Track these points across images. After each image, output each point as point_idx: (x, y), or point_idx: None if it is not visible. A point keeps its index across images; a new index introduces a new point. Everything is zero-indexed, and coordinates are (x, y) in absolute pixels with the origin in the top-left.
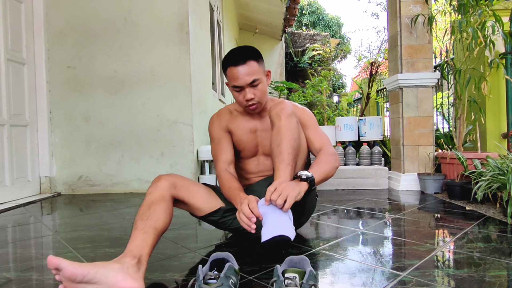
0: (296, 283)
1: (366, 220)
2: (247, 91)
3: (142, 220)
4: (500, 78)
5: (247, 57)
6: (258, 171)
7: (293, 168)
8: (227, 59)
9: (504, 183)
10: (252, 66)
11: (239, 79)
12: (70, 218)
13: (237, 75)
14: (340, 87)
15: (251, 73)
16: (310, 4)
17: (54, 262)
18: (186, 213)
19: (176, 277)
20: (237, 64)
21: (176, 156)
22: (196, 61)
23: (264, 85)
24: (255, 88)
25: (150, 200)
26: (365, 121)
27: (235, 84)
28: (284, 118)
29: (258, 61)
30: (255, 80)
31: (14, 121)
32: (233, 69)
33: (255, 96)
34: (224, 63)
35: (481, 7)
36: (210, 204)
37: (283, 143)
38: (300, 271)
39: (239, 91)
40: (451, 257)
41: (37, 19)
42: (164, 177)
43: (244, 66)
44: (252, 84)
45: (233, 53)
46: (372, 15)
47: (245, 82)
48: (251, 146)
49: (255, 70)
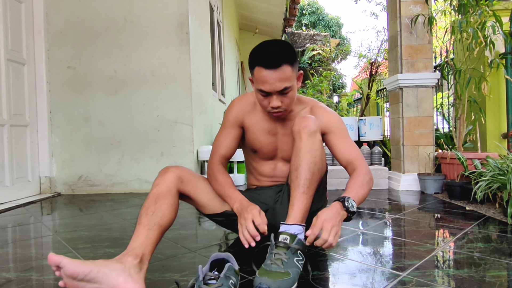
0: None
1: (366, 220)
2: (274, 98)
3: (147, 215)
4: (500, 78)
5: (282, 61)
6: (273, 175)
7: (309, 196)
8: (257, 56)
9: (504, 183)
10: (285, 72)
11: (268, 84)
12: (70, 218)
13: (266, 79)
14: (340, 87)
15: (283, 80)
16: (310, 4)
17: (55, 260)
18: (186, 213)
19: (176, 277)
20: (269, 67)
21: (176, 156)
22: (196, 61)
23: (295, 92)
24: (284, 96)
25: (156, 193)
26: (365, 121)
27: (262, 89)
28: (305, 138)
29: (293, 65)
30: (286, 88)
31: (14, 121)
32: (262, 71)
33: (282, 104)
34: (253, 59)
35: (481, 7)
36: (215, 203)
37: (301, 167)
38: (292, 235)
39: (265, 95)
40: (451, 257)
41: (37, 19)
42: (172, 169)
43: (277, 71)
44: (282, 92)
45: (266, 50)
46: (372, 15)
47: (274, 89)
48: (269, 148)
49: (288, 76)
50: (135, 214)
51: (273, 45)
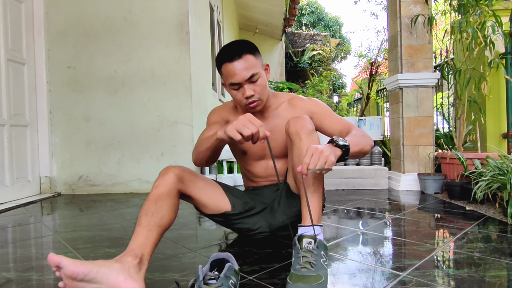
0: (311, 247)
1: (366, 220)
2: (246, 88)
3: (147, 216)
4: (500, 78)
5: (242, 51)
6: (267, 175)
7: (320, 194)
8: (221, 55)
9: (504, 183)
10: (249, 60)
11: (236, 74)
12: (70, 218)
13: (233, 71)
14: (340, 87)
15: (248, 68)
16: (310, 4)
17: (55, 260)
18: (186, 213)
19: (176, 277)
20: (232, 59)
21: (176, 156)
22: (196, 61)
23: (264, 80)
24: (254, 84)
25: (156, 195)
26: (365, 121)
27: (232, 82)
28: (305, 138)
29: (255, 54)
30: (253, 74)
31: (14, 121)
32: (228, 65)
33: (255, 92)
34: (218, 60)
35: (481, 7)
36: (216, 203)
37: None
38: (314, 237)
39: (237, 88)
40: (451, 257)
41: (37, 19)
42: (172, 169)
43: (240, 60)
44: (250, 80)
45: (227, 48)
46: (372, 14)
47: (242, 78)
48: (256, 149)
49: (252, 64)
50: (135, 214)
51: (231, 43)
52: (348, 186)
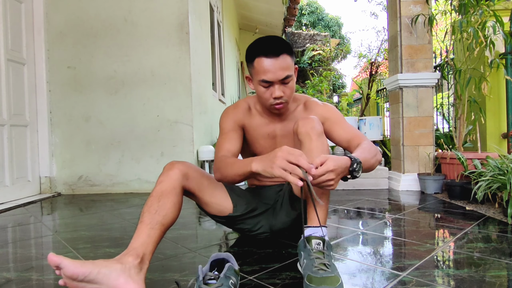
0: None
1: (366, 220)
2: (277, 88)
3: (150, 214)
4: (500, 78)
5: (281, 50)
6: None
7: (327, 195)
8: (257, 47)
9: (504, 183)
10: (286, 60)
11: (271, 72)
12: (70, 218)
13: (268, 68)
14: (340, 87)
15: (284, 68)
16: (310, 4)
17: (55, 261)
18: (186, 213)
19: (176, 277)
20: (270, 55)
21: (176, 156)
22: (196, 61)
23: (294, 83)
24: (285, 86)
25: (160, 191)
26: (365, 121)
27: (264, 78)
28: (315, 139)
29: (291, 56)
30: (288, 76)
31: (14, 121)
32: (264, 60)
33: (284, 94)
34: (252, 52)
35: (481, 7)
36: (219, 203)
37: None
38: (323, 238)
39: (267, 86)
40: (451, 257)
41: (37, 19)
42: (177, 165)
43: (278, 59)
44: (283, 81)
45: (265, 42)
46: (372, 15)
47: (276, 78)
48: (268, 151)
49: (288, 64)
50: (135, 214)
51: (271, 37)
52: (348, 186)
